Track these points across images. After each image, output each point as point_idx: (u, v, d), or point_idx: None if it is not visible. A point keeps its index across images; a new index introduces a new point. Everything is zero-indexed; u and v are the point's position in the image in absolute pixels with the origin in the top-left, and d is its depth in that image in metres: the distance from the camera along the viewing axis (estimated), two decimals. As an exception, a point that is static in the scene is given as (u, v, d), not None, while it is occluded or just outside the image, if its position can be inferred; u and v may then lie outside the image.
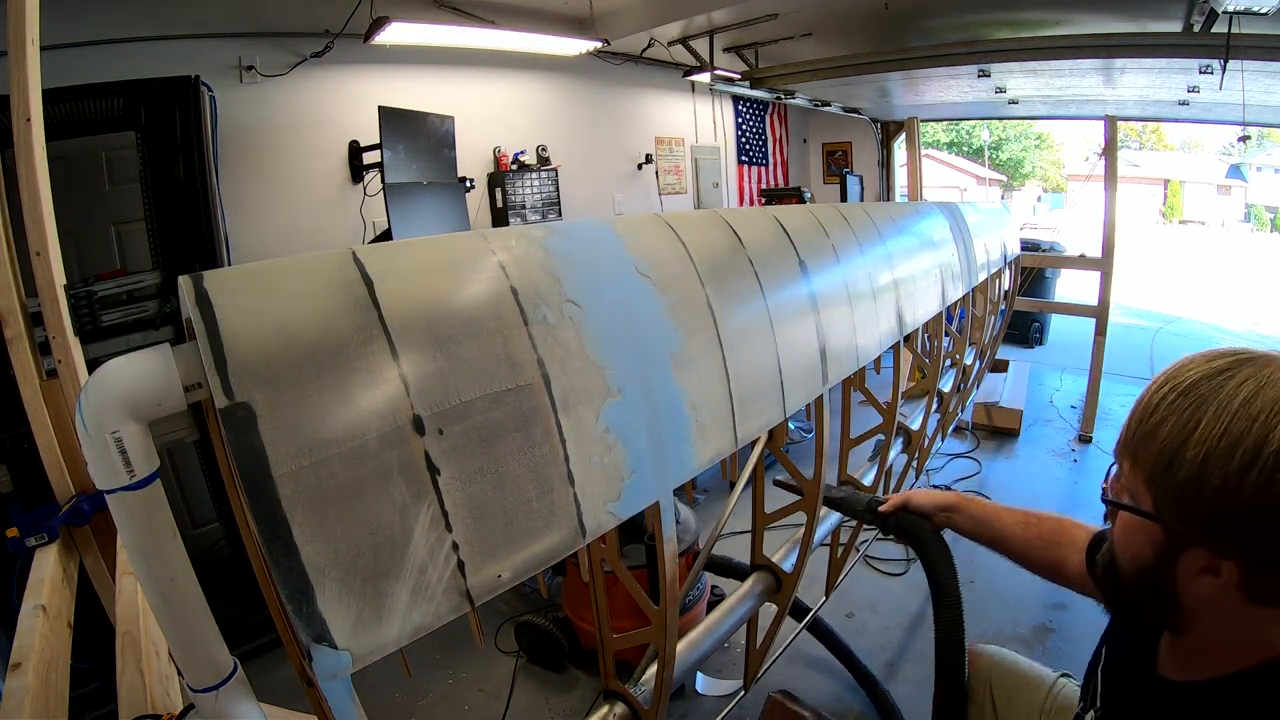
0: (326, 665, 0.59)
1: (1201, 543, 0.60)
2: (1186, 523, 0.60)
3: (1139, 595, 0.68)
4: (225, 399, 0.59)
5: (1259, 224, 23.80)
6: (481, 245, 0.85)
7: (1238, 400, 0.57)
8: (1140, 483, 0.63)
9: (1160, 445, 0.60)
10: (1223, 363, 0.60)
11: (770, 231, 1.41)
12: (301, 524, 0.59)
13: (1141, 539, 0.65)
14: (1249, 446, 0.55)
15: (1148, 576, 0.65)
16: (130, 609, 1.47)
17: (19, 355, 1.61)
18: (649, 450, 0.91)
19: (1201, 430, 0.58)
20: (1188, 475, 0.58)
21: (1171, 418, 0.60)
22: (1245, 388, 0.57)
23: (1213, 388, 0.59)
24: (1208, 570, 0.60)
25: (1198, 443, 0.57)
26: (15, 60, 1.55)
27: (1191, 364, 0.62)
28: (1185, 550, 0.61)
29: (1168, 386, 0.62)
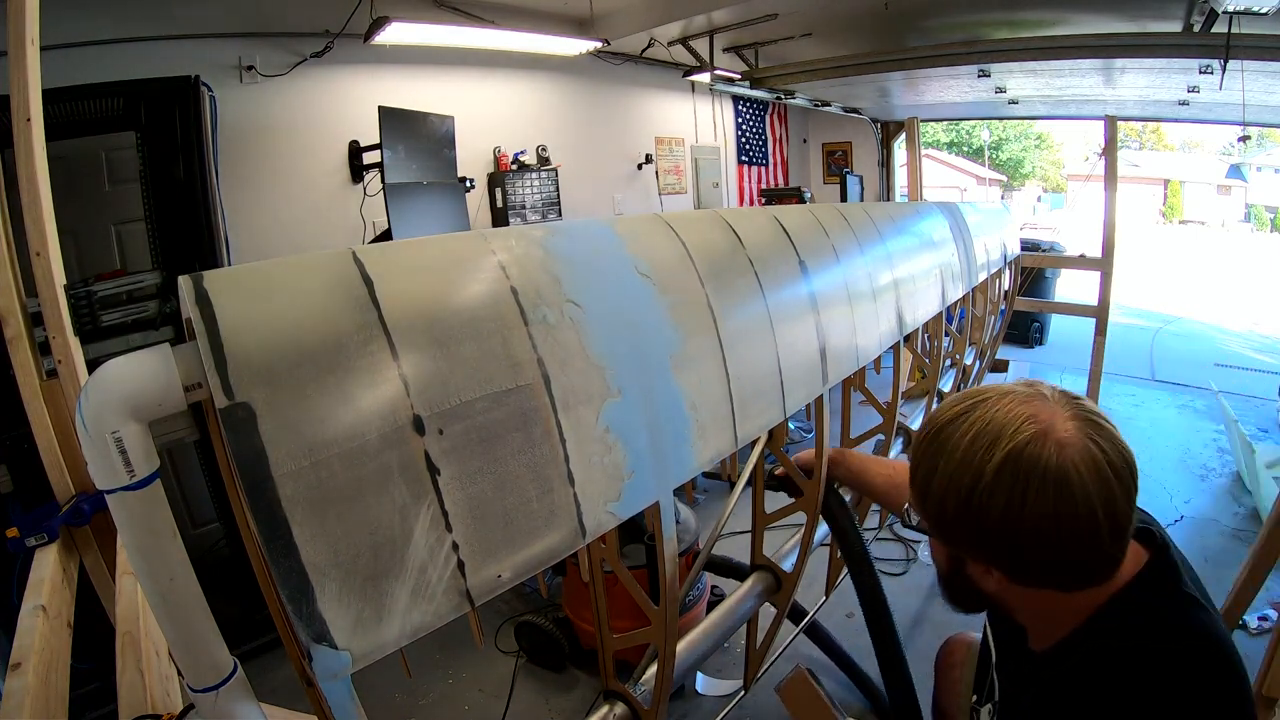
0: (326, 665, 0.59)
1: (970, 556, 0.75)
2: (948, 542, 0.77)
3: (951, 587, 0.83)
4: (225, 399, 0.59)
5: (1259, 224, 23.79)
6: (481, 245, 0.85)
7: (962, 445, 0.70)
8: (918, 507, 0.78)
9: (919, 483, 0.75)
10: (962, 406, 0.74)
11: (770, 231, 1.41)
12: (301, 524, 0.59)
13: (938, 550, 0.82)
14: (966, 483, 0.69)
15: (950, 574, 0.81)
16: (130, 609, 1.47)
17: (19, 355, 1.61)
18: (649, 450, 0.91)
19: (940, 472, 0.72)
20: (935, 509, 0.73)
21: (924, 462, 0.75)
22: (974, 427, 0.71)
23: (949, 433, 0.72)
24: (988, 573, 0.75)
25: (939, 481, 0.72)
26: (15, 60, 1.55)
27: (943, 409, 0.76)
28: (966, 560, 0.76)
29: (925, 432, 0.77)
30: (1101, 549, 0.68)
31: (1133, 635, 0.71)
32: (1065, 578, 0.71)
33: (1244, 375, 5.99)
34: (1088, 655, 0.72)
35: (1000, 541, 0.69)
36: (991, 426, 0.69)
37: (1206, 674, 0.69)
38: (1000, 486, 0.66)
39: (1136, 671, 0.69)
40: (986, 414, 0.70)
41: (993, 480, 0.67)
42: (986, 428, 0.69)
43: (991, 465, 0.67)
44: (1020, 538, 0.67)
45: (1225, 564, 3.02)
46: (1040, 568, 0.70)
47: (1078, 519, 0.65)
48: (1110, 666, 0.70)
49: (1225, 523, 3.49)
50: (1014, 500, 0.66)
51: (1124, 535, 0.68)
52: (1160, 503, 3.70)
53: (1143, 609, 0.72)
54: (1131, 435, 3.36)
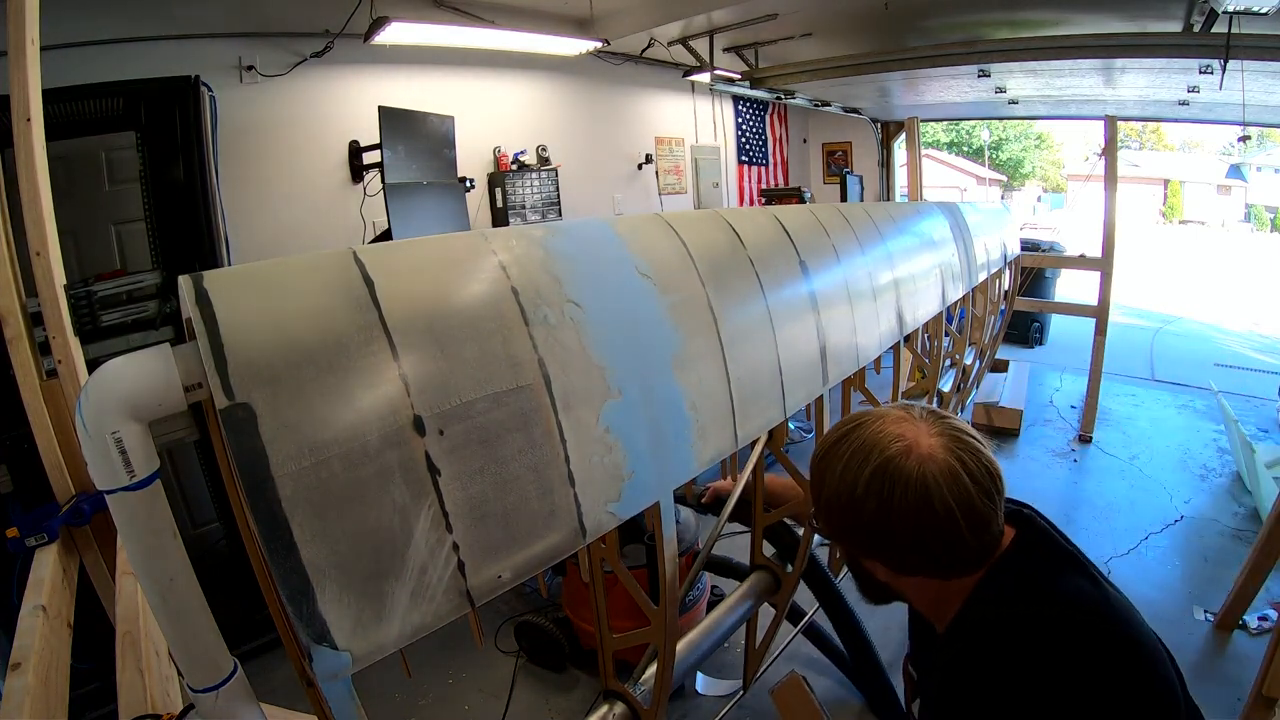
0: (326, 665, 0.59)
1: (859, 554, 0.89)
2: (839, 543, 0.90)
3: (860, 582, 0.95)
4: (225, 399, 0.58)
5: (1259, 224, 23.78)
6: (482, 245, 0.85)
7: (843, 461, 0.83)
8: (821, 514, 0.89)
9: (815, 495, 0.88)
10: (844, 429, 0.86)
11: (770, 231, 1.41)
12: (302, 524, 0.58)
13: (839, 550, 0.97)
14: (845, 492, 0.82)
15: (855, 572, 0.94)
16: (130, 609, 1.47)
17: (19, 355, 1.61)
18: (649, 450, 0.91)
19: (826, 485, 0.85)
20: (825, 515, 0.87)
21: (815, 477, 0.88)
22: (850, 449, 0.83)
23: (833, 453, 0.85)
24: (874, 565, 0.87)
25: (826, 493, 0.85)
26: (15, 60, 1.55)
27: (830, 433, 0.88)
28: (859, 556, 0.90)
29: (817, 453, 0.89)
30: (964, 541, 0.79)
31: (1005, 603, 0.81)
32: (937, 567, 0.82)
33: (1244, 375, 5.99)
34: (971, 628, 0.82)
35: (875, 539, 0.82)
36: (864, 445, 0.82)
37: (1076, 630, 0.76)
38: (870, 493, 0.79)
39: (1011, 635, 0.77)
40: (862, 434, 0.83)
41: (865, 489, 0.80)
42: (861, 446, 0.82)
43: (864, 477, 0.80)
44: (891, 536, 0.79)
45: (1225, 564, 3.02)
46: (913, 560, 0.82)
47: (937, 517, 0.77)
48: (989, 635, 0.79)
49: (1225, 523, 3.49)
50: (882, 504, 0.79)
51: (985, 529, 0.80)
52: (1160, 503, 3.70)
53: (1013, 575, 0.83)
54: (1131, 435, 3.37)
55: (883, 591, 0.93)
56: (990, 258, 3.11)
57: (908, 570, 0.84)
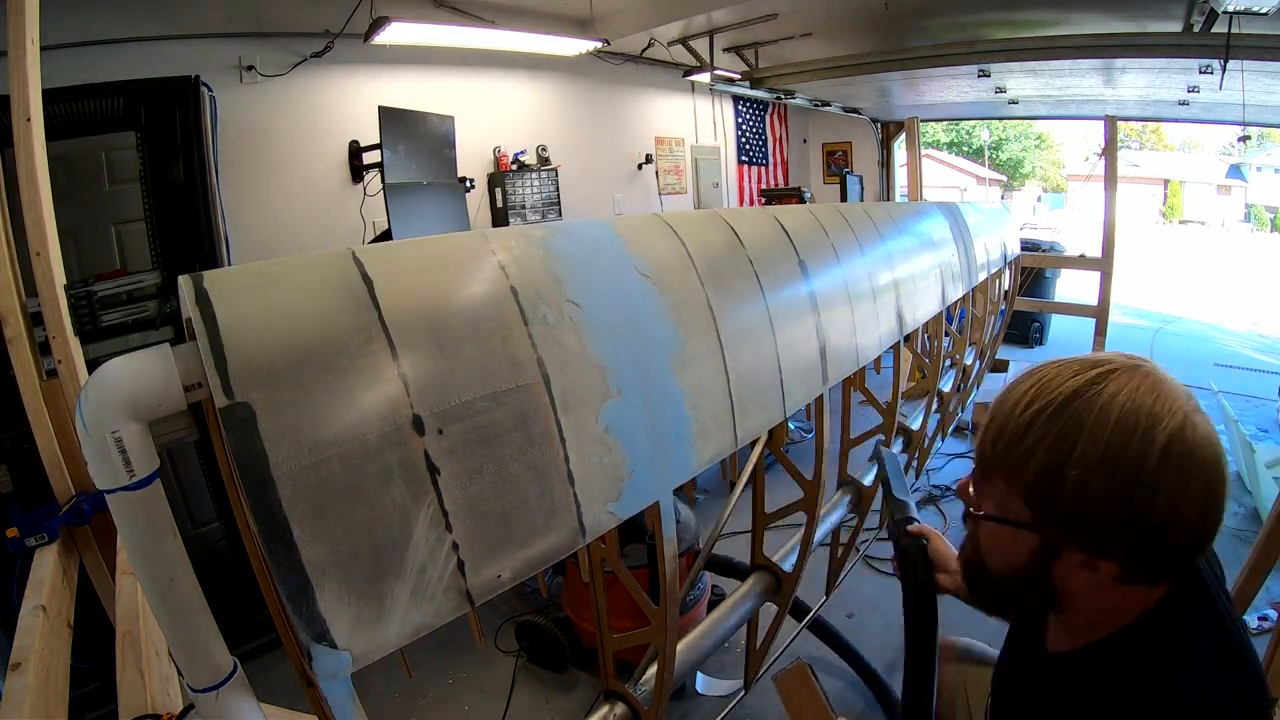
0: (326, 665, 0.59)
1: (1082, 548, 0.65)
2: (1069, 534, 0.65)
3: (1012, 590, 0.74)
4: (225, 399, 0.59)
5: (1259, 224, 23.79)
6: (482, 245, 0.85)
7: (1112, 418, 0.61)
8: (1018, 497, 0.67)
9: (1040, 466, 0.64)
10: (1092, 374, 0.64)
11: (770, 231, 1.41)
12: (301, 524, 0.58)
13: (1016, 546, 0.70)
14: (1129, 467, 0.60)
15: (1024, 575, 0.71)
16: (130, 609, 1.47)
17: (19, 355, 1.61)
18: (649, 450, 0.91)
19: (1079, 452, 0.61)
20: (1072, 494, 0.62)
21: (1047, 439, 0.64)
22: (1116, 403, 0.62)
23: (1084, 404, 0.63)
24: (1086, 566, 0.66)
25: (1077, 463, 0.61)
26: (15, 60, 1.55)
27: (1056, 377, 0.65)
28: (1063, 553, 0.67)
29: (1037, 404, 0.65)
30: (1207, 543, 0.64)
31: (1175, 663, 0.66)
32: (1169, 572, 0.66)
33: (1244, 375, 5.99)
34: (1122, 668, 0.68)
35: (1146, 532, 0.61)
36: (1140, 407, 0.61)
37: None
38: (1165, 474, 0.60)
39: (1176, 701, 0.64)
40: (1130, 384, 0.62)
41: (1158, 466, 0.59)
42: (1135, 407, 0.61)
43: (1155, 450, 0.59)
44: (1170, 528, 0.61)
45: (1225, 564, 3.01)
46: (1162, 561, 0.64)
47: (1217, 511, 0.63)
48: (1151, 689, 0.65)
49: (1225, 523, 3.48)
50: (1179, 489, 0.60)
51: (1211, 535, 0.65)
52: (1160, 503, 3.70)
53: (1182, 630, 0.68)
54: (1131, 435, 3.29)
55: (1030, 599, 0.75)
56: (990, 258, 3.11)
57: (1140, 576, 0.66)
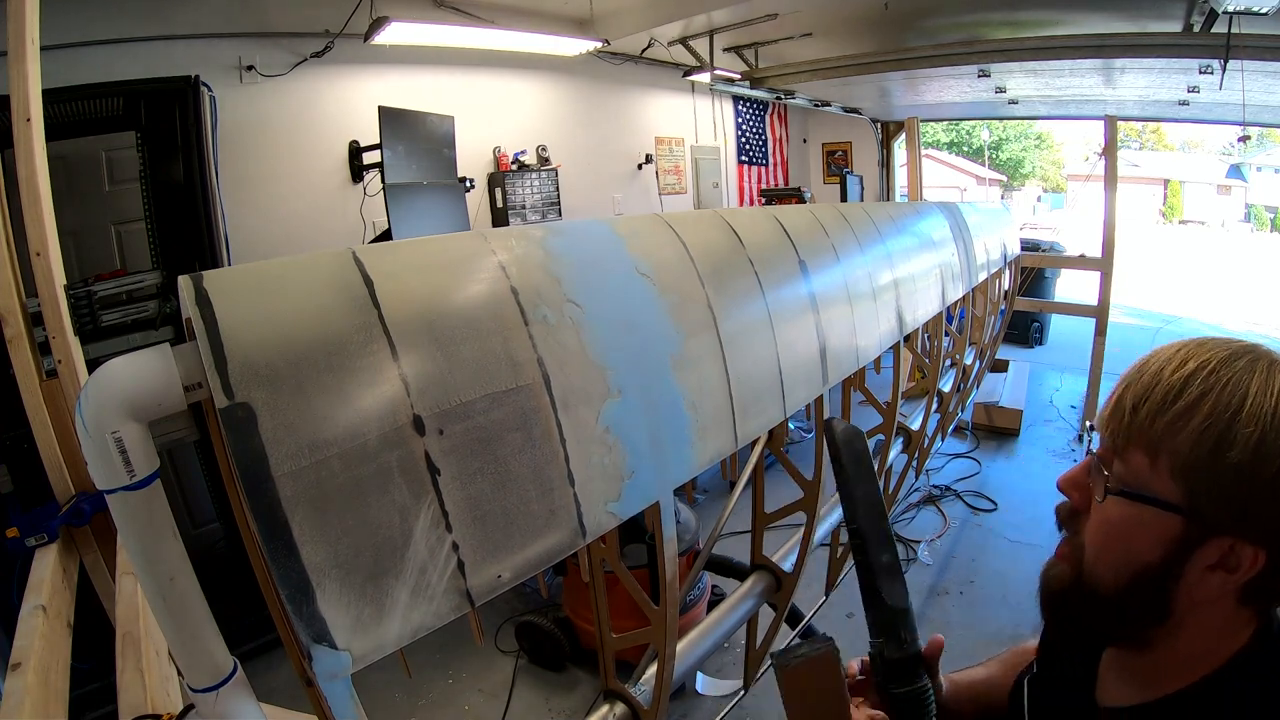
0: (326, 665, 0.59)
1: (1236, 530, 0.54)
2: (1231, 510, 0.54)
3: (1125, 605, 0.61)
4: (225, 399, 0.59)
5: (1259, 224, 23.79)
6: (482, 245, 0.85)
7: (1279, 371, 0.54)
8: (1164, 473, 0.57)
9: (1201, 426, 0.54)
10: (1238, 346, 0.57)
11: (770, 231, 1.41)
12: (301, 524, 0.58)
13: (1148, 538, 0.58)
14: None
15: (1145, 580, 0.59)
16: (130, 609, 1.47)
17: (19, 355, 1.61)
18: (649, 450, 0.91)
19: (1253, 404, 0.53)
20: (1241, 457, 0.52)
21: (1213, 392, 0.54)
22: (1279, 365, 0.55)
23: (1244, 367, 0.55)
24: (1221, 566, 0.56)
25: (1252, 418, 0.52)
26: (15, 60, 1.55)
27: (1203, 347, 0.58)
28: (1204, 544, 0.56)
29: (1191, 364, 0.57)
30: None
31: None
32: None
33: (1244, 375, 5.98)
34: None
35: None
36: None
37: None
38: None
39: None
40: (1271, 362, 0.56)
41: None
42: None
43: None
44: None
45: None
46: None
47: None
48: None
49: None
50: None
51: None
52: (1160, 503, 3.70)
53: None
54: (1131, 435, 3.30)
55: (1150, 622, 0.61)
56: (990, 258, 3.11)
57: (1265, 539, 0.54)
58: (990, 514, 3.89)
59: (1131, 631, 0.62)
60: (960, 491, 4.12)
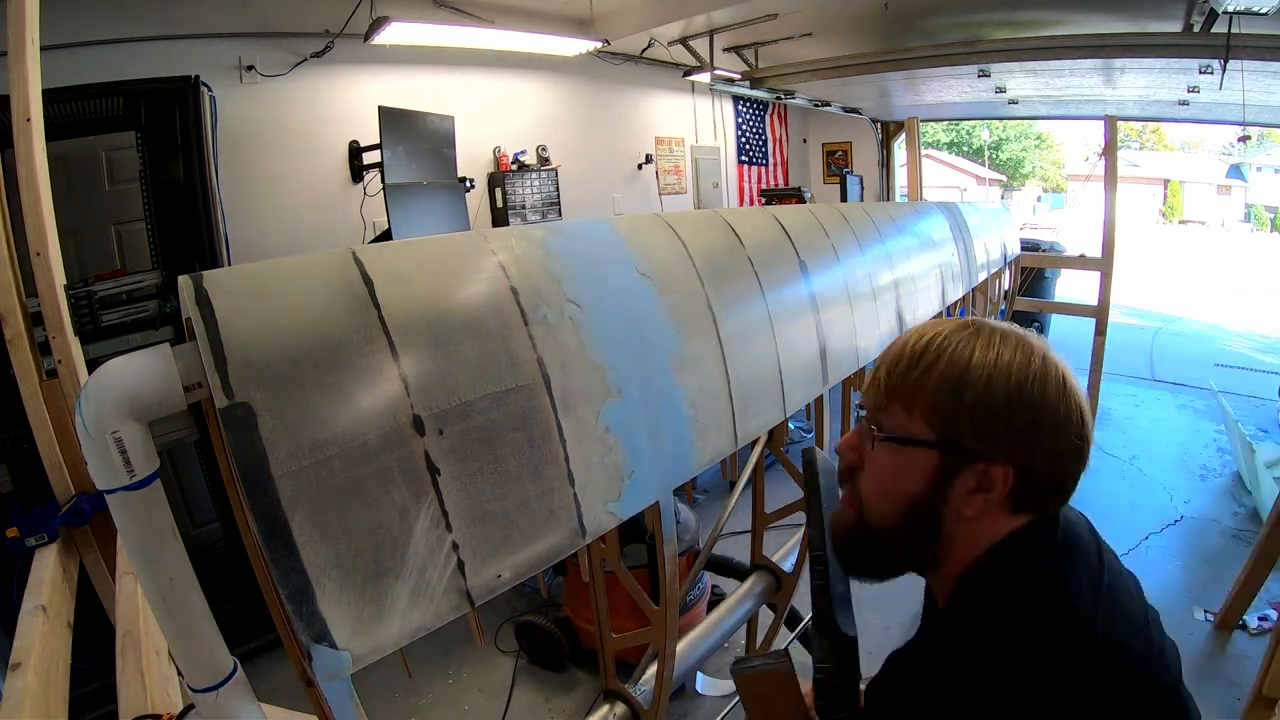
0: (326, 665, 0.59)
1: (984, 457, 0.67)
2: (976, 437, 0.67)
3: (901, 535, 0.72)
4: (225, 399, 0.59)
5: (1259, 224, 23.78)
6: (482, 245, 0.85)
7: (997, 334, 0.70)
8: (919, 419, 0.70)
9: (941, 375, 0.69)
10: (964, 321, 0.72)
11: (770, 231, 1.41)
12: (302, 524, 0.58)
13: (913, 475, 0.71)
14: (1019, 365, 0.67)
15: (917, 509, 0.71)
16: (130, 609, 1.46)
17: (19, 355, 1.61)
18: (648, 450, 0.91)
19: (978, 357, 0.68)
20: (975, 396, 0.67)
21: (946, 352, 0.69)
22: (1001, 327, 0.71)
23: (976, 329, 0.71)
24: (980, 489, 0.68)
25: (979, 366, 0.67)
26: (15, 60, 1.55)
27: (936, 324, 0.73)
28: (961, 472, 0.68)
29: (929, 334, 0.72)
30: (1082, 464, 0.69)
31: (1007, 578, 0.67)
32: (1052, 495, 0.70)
33: (1244, 375, 6.00)
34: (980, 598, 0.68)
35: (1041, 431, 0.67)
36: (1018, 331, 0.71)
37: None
38: (1050, 379, 0.67)
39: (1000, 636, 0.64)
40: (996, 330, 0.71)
41: (1044, 369, 0.67)
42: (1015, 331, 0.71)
43: (1038, 358, 0.68)
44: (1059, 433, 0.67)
45: (1225, 564, 3.02)
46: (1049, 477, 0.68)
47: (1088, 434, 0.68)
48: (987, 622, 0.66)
49: (1225, 523, 3.49)
50: (1063, 396, 0.67)
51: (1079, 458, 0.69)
52: (1160, 503, 3.70)
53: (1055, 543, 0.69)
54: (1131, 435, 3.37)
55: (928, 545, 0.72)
56: (990, 258, 3.11)
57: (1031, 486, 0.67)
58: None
59: (917, 555, 0.74)
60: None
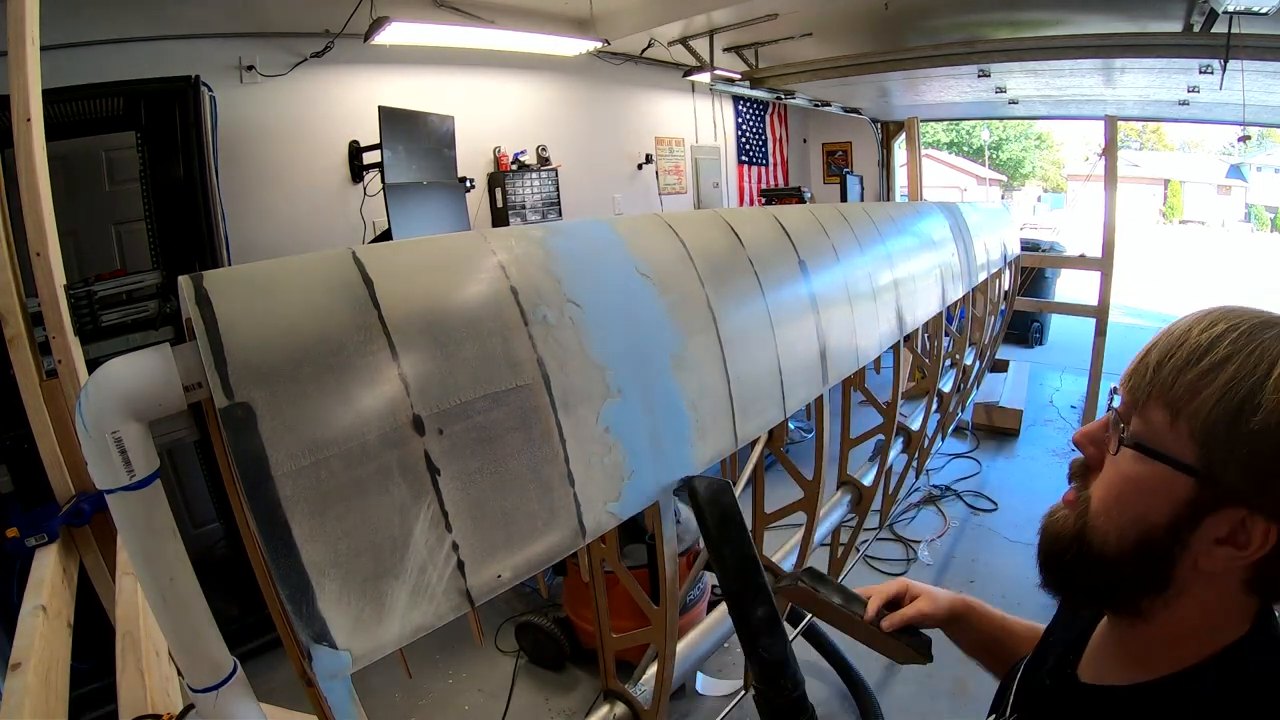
0: (326, 665, 0.59)
1: (1250, 503, 0.52)
2: (1246, 478, 0.52)
3: (1125, 566, 0.58)
4: (225, 399, 0.59)
5: (1259, 224, 23.78)
6: (482, 245, 0.85)
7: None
8: (1182, 433, 0.54)
9: (1227, 385, 0.52)
10: (1270, 315, 0.56)
11: (770, 231, 1.41)
12: (301, 524, 0.58)
13: (1158, 497, 0.56)
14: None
15: (1150, 542, 0.56)
16: (130, 609, 1.47)
17: (19, 355, 1.61)
18: (649, 450, 0.91)
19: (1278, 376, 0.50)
20: (1264, 424, 0.50)
21: (1237, 357, 0.52)
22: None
23: (1276, 335, 0.53)
24: (1230, 540, 0.53)
25: (1276, 387, 0.50)
26: (15, 60, 1.55)
27: (1234, 312, 0.57)
28: (1215, 512, 0.53)
29: (1220, 326, 0.55)
30: None
31: None
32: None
33: (1244, 375, 5.98)
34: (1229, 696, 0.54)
35: None
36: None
37: None
38: None
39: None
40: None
41: None
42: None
43: None
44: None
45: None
46: None
47: None
48: None
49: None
50: None
51: None
52: (1160, 503, 3.70)
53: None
54: (1131, 435, 3.33)
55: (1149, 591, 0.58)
56: (990, 258, 3.11)
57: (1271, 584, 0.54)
58: (990, 514, 3.89)
59: (1128, 596, 0.59)
60: (960, 491, 4.12)
